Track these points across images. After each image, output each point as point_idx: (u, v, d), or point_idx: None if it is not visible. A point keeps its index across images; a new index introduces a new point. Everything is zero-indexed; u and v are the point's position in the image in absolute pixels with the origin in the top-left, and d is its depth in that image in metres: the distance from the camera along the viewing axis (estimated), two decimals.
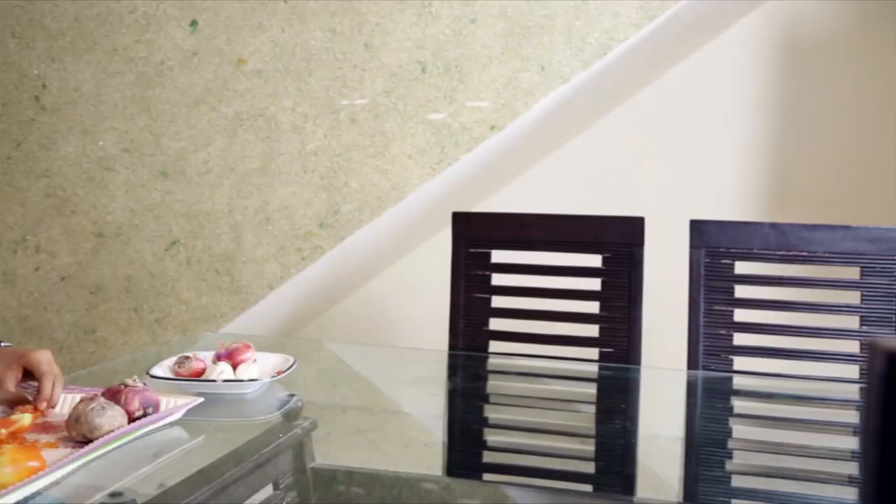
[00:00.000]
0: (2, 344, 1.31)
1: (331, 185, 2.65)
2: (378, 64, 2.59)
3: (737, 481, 1.21)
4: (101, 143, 2.84)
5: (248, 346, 1.50)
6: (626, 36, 2.46)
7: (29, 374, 1.23)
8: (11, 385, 1.21)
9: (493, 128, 2.55)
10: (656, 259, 1.98)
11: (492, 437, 1.43)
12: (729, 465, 1.26)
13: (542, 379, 1.83)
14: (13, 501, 0.90)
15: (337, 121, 2.63)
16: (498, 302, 1.95)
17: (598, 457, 1.32)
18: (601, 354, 1.86)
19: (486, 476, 1.25)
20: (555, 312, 1.91)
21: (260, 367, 1.48)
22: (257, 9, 2.65)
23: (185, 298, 2.81)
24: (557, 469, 1.24)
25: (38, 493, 0.94)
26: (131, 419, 1.14)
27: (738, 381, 1.75)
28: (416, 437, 1.40)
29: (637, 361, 1.82)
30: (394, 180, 2.61)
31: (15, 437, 1.08)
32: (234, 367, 1.45)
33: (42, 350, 1.23)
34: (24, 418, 1.11)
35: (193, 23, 2.71)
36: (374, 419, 1.48)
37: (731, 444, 1.37)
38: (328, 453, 1.26)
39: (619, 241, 1.87)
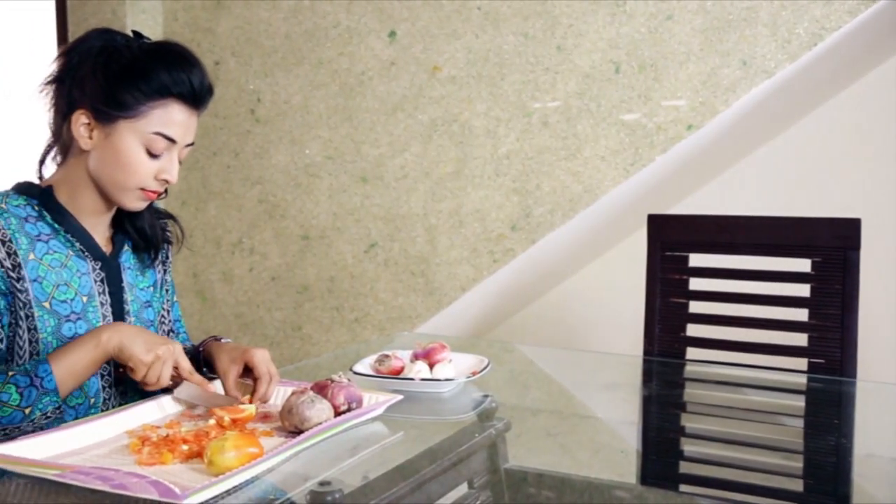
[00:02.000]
0: (223, 340, 1.43)
1: (523, 189, 2.67)
2: (570, 66, 2.57)
3: None
4: (307, 152, 3.02)
5: (443, 347, 1.54)
6: (839, 24, 2.29)
7: (247, 370, 1.33)
8: (232, 379, 1.32)
9: (690, 127, 2.46)
10: (871, 264, 1.82)
11: (689, 447, 1.38)
12: None
13: (744, 389, 1.74)
14: (234, 484, 0.98)
15: (529, 124, 2.64)
16: (696, 307, 1.87)
17: (806, 474, 1.24)
18: (810, 365, 1.74)
19: (683, 487, 1.21)
20: (758, 319, 1.81)
21: (455, 367, 1.52)
22: (452, 17, 2.72)
23: (383, 299, 2.93)
24: (760, 485, 1.17)
25: (255, 479, 1.01)
26: (337, 413, 1.20)
27: None
28: (608, 443, 1.37)
29: (852, 374, 1.69)
30: (586, 182, 2.59)
31: (237, 424, 1.17)
32: (431, 366, 1.50)
33: (263, 350, 1.33)
34: (250, 408, 1.21)
35: (392, 33, 2.82)
36: (565, 423, 1.47)
37: None
38: (518, 455, 1.26)
39: (831, 244, 1.75)
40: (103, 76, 1.25)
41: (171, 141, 1.28)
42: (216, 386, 1.34)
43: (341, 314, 3.01)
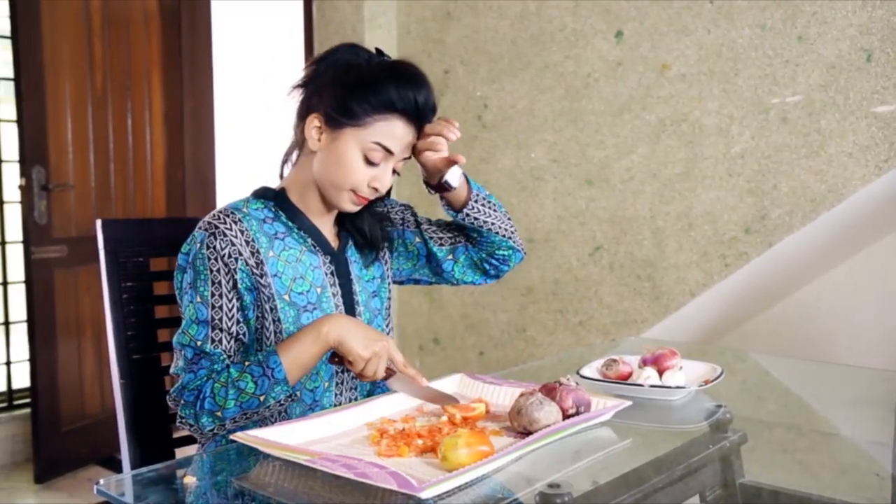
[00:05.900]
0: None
1: (758, 189, 2.53)
2: (813, 56, 2.40)
3: None
4: (532, 155, 3.05)
5: (674, 353, 1.50)
6: None
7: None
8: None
9: None
10: None
11: None
12: None
13: None
14: (466, 481, 1.01)
15: (766, 121, 2.50)
16: None
17: None
18: None
19: None
20: None
21: (686, 374, 1.47)
22: (682, 13, 2.63)
23: (608, 302, 2.89)
24: None
25: (485, 476, 1.04)
26: (565, 416, 1.21)
27: None
28: (856, 464, 1.27)
29: None
30: (830, 182, 2.40)
31: (468, 422, 1.21)
32: (660, 373, 1.46)
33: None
34: (480, 407, 1.25)
35: (619, 34, 2.79)
36: (804, 439, 1.38)
37: None
38: (750, 469, 1.21)
39: None
40: (340, 86, 1.37)
41: (389, 152, 1.38)
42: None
43: (565, 317, 3.01)
